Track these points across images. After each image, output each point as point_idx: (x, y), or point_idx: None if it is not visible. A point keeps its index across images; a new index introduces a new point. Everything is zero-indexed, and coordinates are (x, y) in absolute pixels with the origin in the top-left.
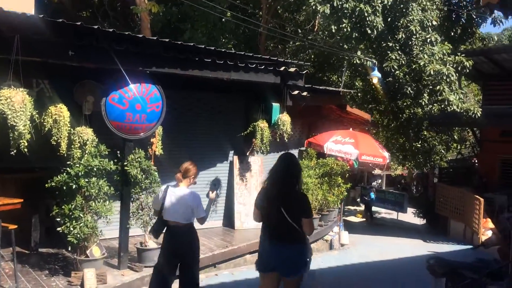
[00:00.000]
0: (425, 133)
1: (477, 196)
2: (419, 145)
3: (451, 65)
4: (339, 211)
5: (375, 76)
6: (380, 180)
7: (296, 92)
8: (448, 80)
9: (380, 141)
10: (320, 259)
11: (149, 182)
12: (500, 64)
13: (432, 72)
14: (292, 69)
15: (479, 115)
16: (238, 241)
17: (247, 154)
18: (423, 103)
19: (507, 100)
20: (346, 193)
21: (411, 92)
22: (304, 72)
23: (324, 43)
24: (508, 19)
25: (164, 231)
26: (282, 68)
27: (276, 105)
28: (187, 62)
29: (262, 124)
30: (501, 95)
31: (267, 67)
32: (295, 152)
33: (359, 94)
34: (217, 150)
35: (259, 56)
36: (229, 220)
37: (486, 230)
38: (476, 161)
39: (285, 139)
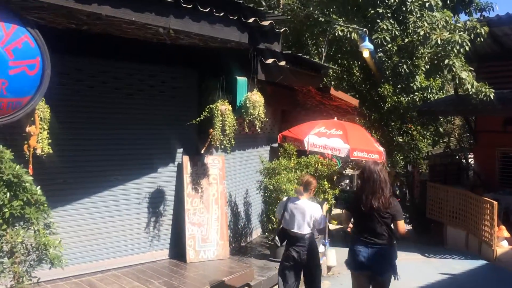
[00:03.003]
0: (410, 126)
1: (486, 198)
2: (401, 140)
3: (462, 32)
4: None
5: (366, 48)
6: (347, 181)
7: (270, 60)
8: (461, 51)
9: None
10: None
11: (19, 206)
12: (499, 40)
13: (439, 42)
14: (266, 23)
15: (492, 98)
16: (192, 284)
17: (202, 152)
18: (415, 87)
19: (510, 84)
20: (334, 201)
21: (407, 71)
22: (282, 31)
23: (295, 16)
24: None
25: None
26: (251, 20)
27: (242, 80)
28: None
29: (223, 107)
30: (503, 78)
31: (228, 14)
32: (266, 149)
33: (332, 82)
34: (158, 148)
35: None
36: (178, 249)
37: (501, 239)
38: (462, 156)
39: (257, 128)
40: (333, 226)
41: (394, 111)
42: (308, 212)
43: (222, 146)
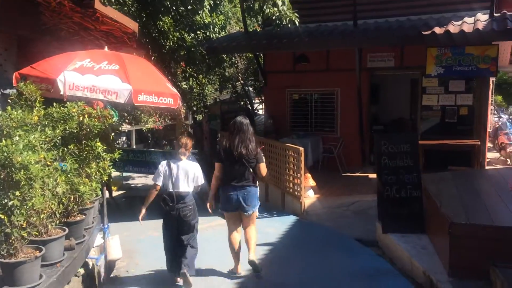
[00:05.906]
0: (194, 69)
1: (290, 145)
2: (185, 86)
3: None
4: (100, 204)
5: None
6: (125, 138)
7: None
8: None
9: None
10: None
11: None
12: None
13: None
14: None
15: (297, 24)
16: None
17: None
18: (205, 17)
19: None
20: (112, 170)
21: None
22: None
23: None
24: None
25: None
26: None
27: None
28: None
29: None
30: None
31: None
32: None
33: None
34: None
35: None
36: None
37: (307, 189)
38: (248, 101)
39: None
40: (114, 193)
41: (177, 50)
42: (191, 171)
43: None
